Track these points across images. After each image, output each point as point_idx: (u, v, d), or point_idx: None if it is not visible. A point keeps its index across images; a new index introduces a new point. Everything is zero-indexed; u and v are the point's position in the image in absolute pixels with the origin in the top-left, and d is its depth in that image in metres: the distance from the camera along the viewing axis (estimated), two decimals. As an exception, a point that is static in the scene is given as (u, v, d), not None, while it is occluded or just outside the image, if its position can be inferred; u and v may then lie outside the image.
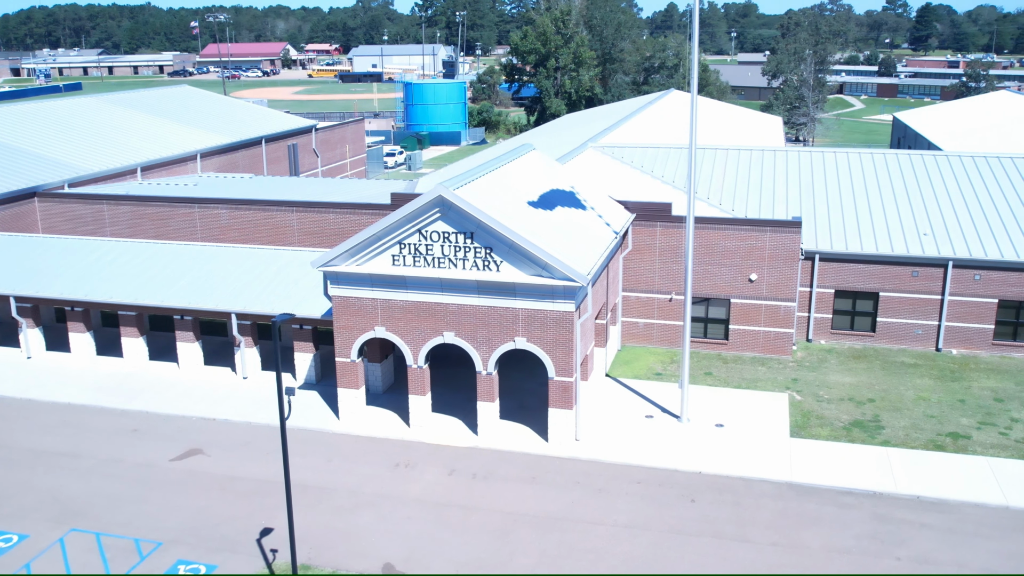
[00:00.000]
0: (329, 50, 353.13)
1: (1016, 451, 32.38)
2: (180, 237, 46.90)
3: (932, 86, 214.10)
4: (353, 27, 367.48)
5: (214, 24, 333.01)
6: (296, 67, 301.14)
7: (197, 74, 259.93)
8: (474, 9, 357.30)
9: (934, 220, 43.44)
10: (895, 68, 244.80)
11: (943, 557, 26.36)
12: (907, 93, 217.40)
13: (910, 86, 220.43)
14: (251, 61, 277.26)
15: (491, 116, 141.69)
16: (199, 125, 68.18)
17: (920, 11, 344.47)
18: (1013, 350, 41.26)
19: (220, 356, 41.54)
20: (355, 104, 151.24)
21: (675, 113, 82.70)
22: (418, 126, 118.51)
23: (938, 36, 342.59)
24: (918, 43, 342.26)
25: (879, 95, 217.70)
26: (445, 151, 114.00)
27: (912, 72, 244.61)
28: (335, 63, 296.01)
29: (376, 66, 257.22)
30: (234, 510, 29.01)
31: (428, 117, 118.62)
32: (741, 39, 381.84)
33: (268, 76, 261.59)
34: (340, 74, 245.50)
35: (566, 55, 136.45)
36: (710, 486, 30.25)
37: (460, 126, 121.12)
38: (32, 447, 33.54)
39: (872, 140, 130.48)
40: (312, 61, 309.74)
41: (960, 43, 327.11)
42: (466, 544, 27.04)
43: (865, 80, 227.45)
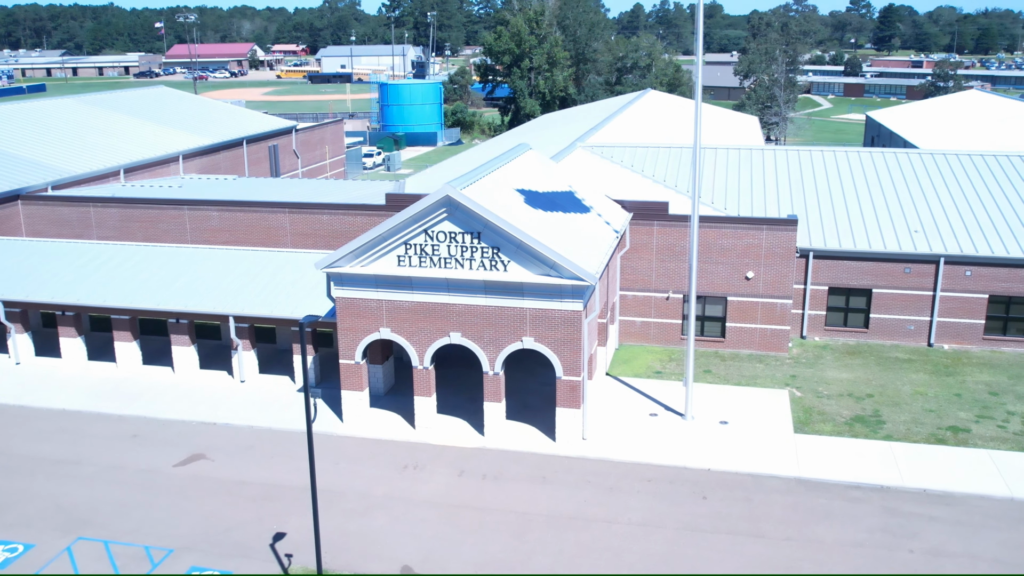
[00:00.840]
0: (296, 51, 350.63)
1: (1015, 443, 32.91)
2: (169, 239, 46.28)
3: (898, 86, 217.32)
4: (320, 28, 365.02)
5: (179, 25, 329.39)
6: (264, 68, 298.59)
7: (164, 75, 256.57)
8: (442, 10, 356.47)
9: (925, 218, 44.05)
10: (861, 68, 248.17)
11: (955, 549, 26.71)
12: (873, 92, 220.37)
13: (876, 86, 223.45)
14: (218, 62, 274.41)
15: (465, 117, 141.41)
16: (179, 126, 67.36)
17: (883, 12, 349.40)
18: (1003, 344, 41.94)
19: (215, 360, 41.04)
20: (330, 105, 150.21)
21: (655, 112, 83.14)
22: (394, 127, 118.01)
23: (901, 36, 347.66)
24: (881, 43, 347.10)
25: (846, 95, 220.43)
26: (422, 152, 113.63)
27: (877, 72, 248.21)
28: (303, 64, 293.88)
29: (345, 67, 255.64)
30: (244, 515, 28.66)
31: (404, 118, 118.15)
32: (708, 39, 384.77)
33: (236, 77, 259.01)
34: (309, 75, 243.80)
35: (540, 55, 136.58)
36: (720, 483, 30.41)
37: (436, 127, 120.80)
38: (30, 454, 32.90)
39: (841, 139, 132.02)
40: (279, 62, 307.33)
41: (922, 43, 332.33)
42: (482, 545, 26.94)
43: (832, 80, 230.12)
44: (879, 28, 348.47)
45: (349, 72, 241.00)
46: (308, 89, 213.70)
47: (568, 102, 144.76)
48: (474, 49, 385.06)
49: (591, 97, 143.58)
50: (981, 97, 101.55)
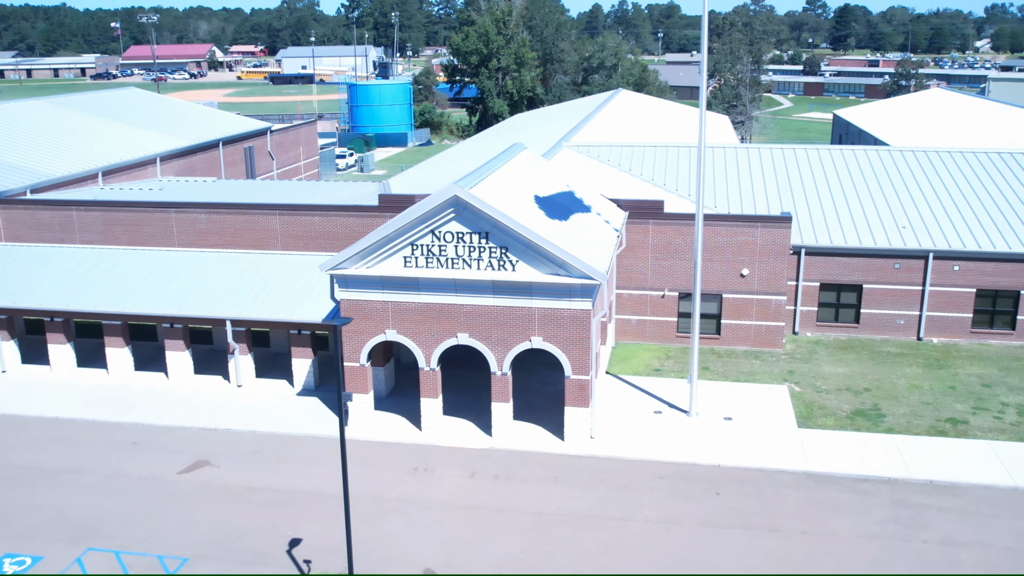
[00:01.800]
0: (254, 51, 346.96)
1: (1013, 434, 33.56)
2: (155, 243, 45.39)
3: (857, 84, 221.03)
4: (279, 28, 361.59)
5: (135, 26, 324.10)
6: (223, 69, 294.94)
7: (121, 76, 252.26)
8: (402, 10, 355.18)
9: (913, 214, 44.78)
10: (819, 68, 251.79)
11: (967, 538, 27.16)
12: (832, 91, 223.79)
13: (835, 84, 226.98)
14: (177, 63, 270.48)
15: (433, 117, 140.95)
16: (154, 128, 66.26)
17: (839, 12, 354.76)
18: (990, 337, 42.77)
19: (208, 364, 40.44)
20: (298, 106, 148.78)
21: (630, 112, 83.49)
22: (364, 128, 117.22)
23: (856, 36, 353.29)
24: (837, 43, 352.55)
25: (806, 93, 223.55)
26: (393, 153, 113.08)
27: (836, 71, 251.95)
28: (262, 65, 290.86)
29: (306, 67, 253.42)
30: (256, 521, 28.25)
31: (374, 118, 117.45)
32: (667, 39, 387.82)
33: (196, 78, 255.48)
34: (270, 76, 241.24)
35: (507, 56, 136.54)
36: (731, 478, 30.62)
37: (406, 127, 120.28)
38: (27, 464, 32.12)
39: (805, 137, 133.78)
40: (238, 63, 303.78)
41: (877, 43, 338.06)
42: (502, 545, 26.83)
43: (792, 79, 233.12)
44: (835, 28, 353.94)
45: (311, 73, 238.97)
46: (270, 90, 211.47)
47: (536, 102, 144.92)
48: (435, 49, 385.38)
49: (558, 97, 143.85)
50: (945, 95, 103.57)
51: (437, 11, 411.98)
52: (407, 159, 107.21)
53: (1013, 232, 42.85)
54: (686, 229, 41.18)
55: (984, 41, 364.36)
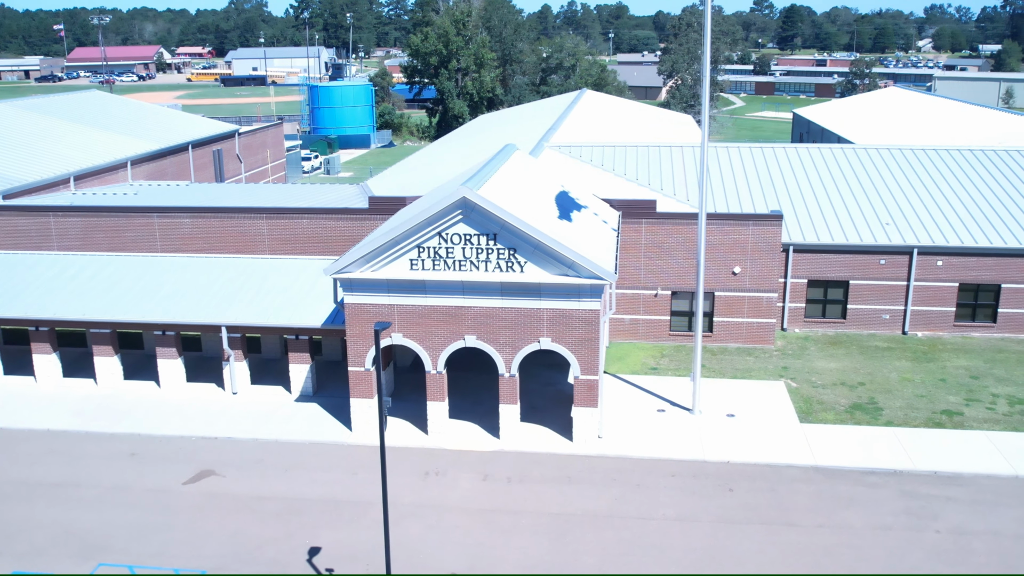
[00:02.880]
0: (202, 53, 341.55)
1: (1007, 424, 34.39)
2: (137, 249, 44.32)
3: (807, 84, 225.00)
4: (226, 30, 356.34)
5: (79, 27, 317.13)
6: (171, 71, 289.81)
7: (67, 79, 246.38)
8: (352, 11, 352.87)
9: (896, 211, 45.63)
10: (769, 67, 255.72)
11: (977, 527, 27.75)
12: (783, 91, 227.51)
13: (785, 84, 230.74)
14: (124, 65, 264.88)
15: (393, 119, 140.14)
16: (121, 131, 64.84)
17: (786, 12, 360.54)
18: (973, 330, 43.77)
19: (199, 372, 39.67)
20: (257, 108, 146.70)
21: (599, 111, 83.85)
22: (325, 129, 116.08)
23: (803, 36, 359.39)
24: (785, 43, 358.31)
25: (757, 93, 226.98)
26: (356, 154, 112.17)
27: (785, 71, 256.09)
28: (211, 66, 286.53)
29: (257, 69, 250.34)
30: (271, 531, 27.77)
31: (335, 120, 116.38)
32: (617, 40, 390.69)
33: (144, 80, 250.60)
34: (222, 78, 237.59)
35: (467, 56, 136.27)
36: (742, 474, 30.90)
37: (368, 129, 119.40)
38: (23, 479, 31.17)
39: (759, 136, 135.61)
40: (187, 65, 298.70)
41: (823, 43, 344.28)
42: (525, 548, 26.73)
43: (743, 79, 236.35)
44: (782, 28, 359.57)
45: (263, 74, 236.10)
46: (222, 92, 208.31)
47: (495, 103, 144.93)
48: (386, 50, 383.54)
49: (518, 98, 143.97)
50: (901, 94, 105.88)
51: (387, 12, 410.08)
52: (372, 161, 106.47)
53: (992, 227, 43.92)
54: (678, 228, 41.48)
55: (926, 41, 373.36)
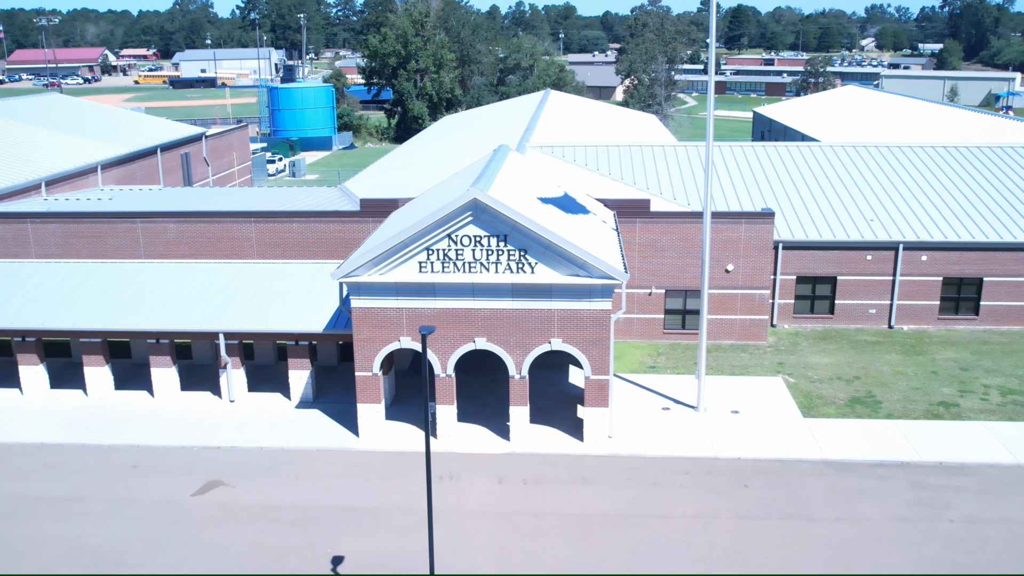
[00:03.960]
0: (147, 55, 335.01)
1: (1002, 414, 35.20)
2: (119, 256, 43.26)
3: (757, 83, 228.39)
4: (172, 31, 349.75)
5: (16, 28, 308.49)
6: (117, 73, 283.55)
7: (9, 82, 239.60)
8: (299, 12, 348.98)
9: (879, 207, 46.47)
10: (719, 66, 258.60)
11: (988, 515, 28.33)
12: (734, 90, 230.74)
13: (736, 83, 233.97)
14: (68, 67, 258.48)
15: (352, 120, 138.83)
16: (90, 135, 63.26)
17: (733, 12, 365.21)
18: (956, 323, 44.74)
19: (192, 380, 38.82)
20: (216, 111, 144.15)
21: (569, 111, 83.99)
22: (286, 132, 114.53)
23: (749, 36, 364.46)
24: (732, 43, 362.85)
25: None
26: (319, 156, 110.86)
27: (735, 70, 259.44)
28: (158, 68, 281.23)
29: (205, 71, 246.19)
30: (290, 541, 27.25)
31: (296, 122, 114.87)
32: (567, 40, 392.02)
33: (90, 83, 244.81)
34: (170, 80, 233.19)
35: (426, 57, 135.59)
36: (754, 470, 31.16)
37: (330, 131, 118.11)
38: (21, 495, 30.16)
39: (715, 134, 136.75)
40: (132, 67, 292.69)
41: (770, 42, 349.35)
42: (551, 550, 26.61)
43: (695, 78, 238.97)
44: (729, 28, 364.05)
45: (212, 76, 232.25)
46: (172, 95, 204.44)
47: (454, 104, 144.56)
48: (335, 52, 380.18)
49: (477, 99, 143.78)
50: (858, 92, 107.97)
51: (335, 13, 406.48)
52: (336, 163, 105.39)
53: (973, 223, 44.96)
54: (672, 227, 41.71)
55: (869, 40, 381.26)
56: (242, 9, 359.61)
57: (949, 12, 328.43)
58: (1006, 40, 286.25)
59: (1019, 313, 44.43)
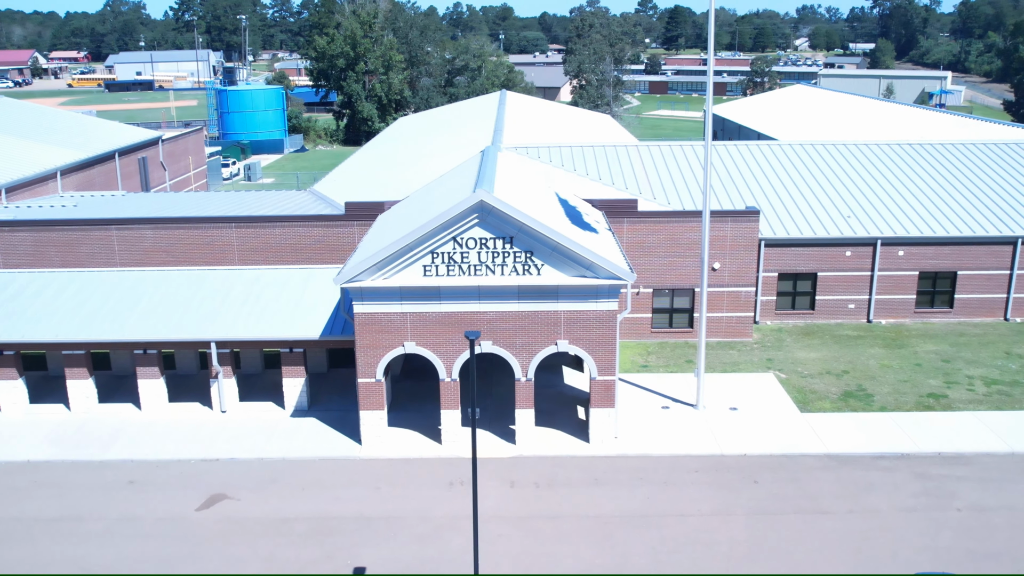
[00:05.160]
0: (78, 57, 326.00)
1: (990, 404, 36.14)
2: (93, 264, 41.89)
3: (699, 82, 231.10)
4: (103, 33, 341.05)
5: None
6: (48, 76, 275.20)
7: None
8: (235, 14, 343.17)
9: (854, 204, 47.33)
10: (660, 67, 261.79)
11: (993, 503, 29.03)
12: (676, 89, 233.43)
13: (678, 83, 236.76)
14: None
15: (301, 123, 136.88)
16: (45, 140, 61.20)
17: (671, 13, 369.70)
18: (932, 316, 45.83)
19: (177, 391, 37.72)
20: (163, 114, 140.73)
21: (530, 113, 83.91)
22: (236, 135, 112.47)
23: (686, 36, 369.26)
24: (670, 43, 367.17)
25: (651, 92, 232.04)
26: (272, 159, 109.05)
27: (675, 70, 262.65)
28: (90, 71, 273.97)
29: (141, 73, 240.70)
30: (308, 553, 26.64)
31: (247, 125, 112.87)
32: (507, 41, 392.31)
33: (21, 87, 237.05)
34: (106, 83, 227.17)
35: (375, 58, 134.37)
36: (761, 466, 31.45)
37: (281, 133, 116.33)
38: (16, 516, 28.94)
39: (659, 134, 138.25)
40: (64, 70, 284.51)
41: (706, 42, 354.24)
42: (575, 553, 26.47)
43: (637, 78, 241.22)
44: (667, 28, 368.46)
45: (149, 79, 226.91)
46: (108, 98, 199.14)
47: (404, 105, 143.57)
48: (273, 53, 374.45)
49: (426, 100, 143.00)
50: (807, 91, 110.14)
51: (272, 15, 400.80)
52: (290, 166, 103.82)
53: (947, 218, 46.09)
54: (659, 227, 41.92)
55: (802, 40, 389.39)
56: (176, 11, 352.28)
57: (879, 13, 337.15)
58: (934, 40, 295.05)
59: (991, 305, 45.70)
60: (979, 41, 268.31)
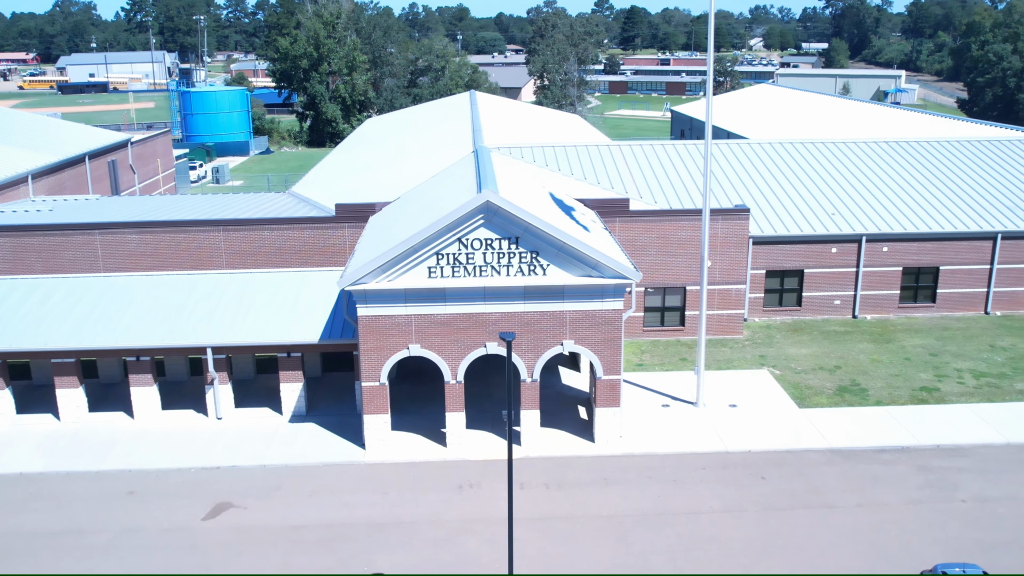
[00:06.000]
0: (27, 59, 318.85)
1: (981, 396, 36.79)
2: (76, 270, 40.95)
3: (658, 82, 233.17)
4: (52, 34, 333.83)
5: None
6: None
7: None
8: (188, 14, 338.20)
9: (838, 202, 47.91)
10: (619, 67, 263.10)
11: (995, 494, 29.54)
12: (636, 89, 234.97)
13: (638, 83, 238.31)
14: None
15: (264, 124, 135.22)
16: (12, 143, 59.62)
17: (627, 13, 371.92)
18: (915, 311, 46.56)
19: (167, 398, 36.94)
20: (124, 116, 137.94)
21: (502, 113, 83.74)
22: (200, 137, 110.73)
23: (642, 36, 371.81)
24: (626, 43, 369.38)
25: (611, 92, 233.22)
26: (238, 162, 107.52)
27: (634, 70, 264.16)
28: (40, 73, 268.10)
29: (94, 75, 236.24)
30: (322, 561, 26.22)
31: (211, 127, 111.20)
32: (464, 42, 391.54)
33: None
34: (59, 85, 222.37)
35: (338, 59, 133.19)
36: (767, 462, 31.67)
37: (246, 135, 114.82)
38: (13, 530, 28.11)
39: (621, 134, 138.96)
40: (13, 72, 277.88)
41: (663, 42, 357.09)
42: (592, 553, 26.40)
43: (597, 78, 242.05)
44: (624, 29, 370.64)
45: (103, 81, 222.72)
46: (62, 100, 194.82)
47: (368, 106, 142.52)
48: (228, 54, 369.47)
49: (390, 101, 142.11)
50: (772, 90, 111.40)
51: (226, 15, 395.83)
52: (256, 168, 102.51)
53: (928, 215, 46.86)
54: (651, 226, 42.05)
55: (757, 40, 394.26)
56: (127, 11, 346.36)
57: (832, 13, 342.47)
58: (886, 40, 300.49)
59: (972, 299, 46.57)
60: (930, 41, 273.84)
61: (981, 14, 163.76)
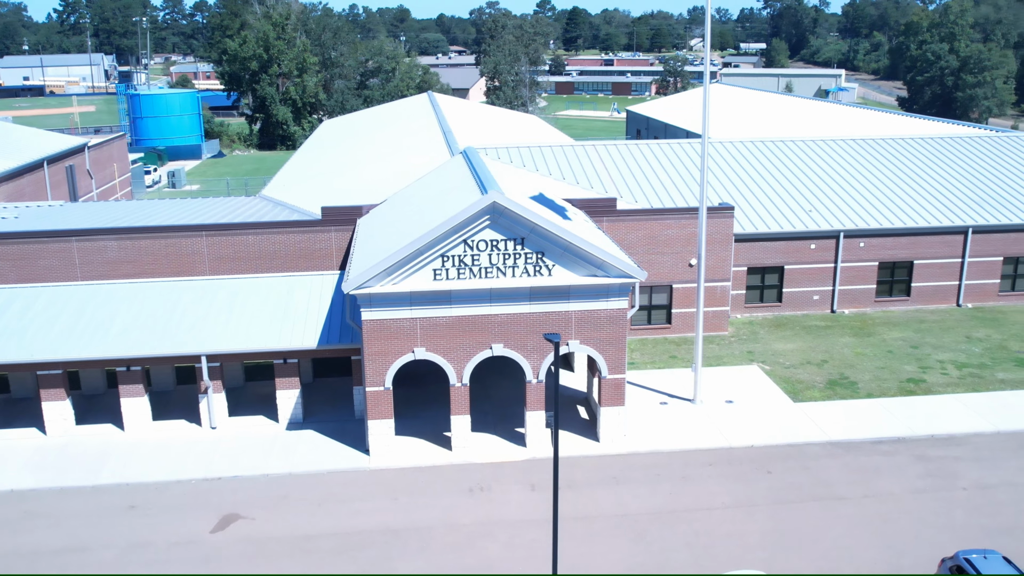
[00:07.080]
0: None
1: (967, 386, 37.76)
2: (53, 279, 39.51)
3: (604, 83, 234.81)
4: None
5: None
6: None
7: None
8: (125, 16, 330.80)
9: (815, 199, 48.75)
10: (564, 67, 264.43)
11: (993, 481, 30.33)
12: (582, 90, 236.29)
13: (584, 83, 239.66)
14: None
15: (214, 127, 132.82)
16: (-33, 149, 57.66)
17: (570, 14, 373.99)
18: (890, 304, 47.62)
19: (155, 409, 36.01)
20: (71, 119, 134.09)
21: (464, 114, 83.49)
22: (151, 141, 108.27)
23: (584, 37, 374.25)
24: (569, 44, 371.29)
25: (558, 92, 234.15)
26: (191, 165, 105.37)
27: (579, 70, 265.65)
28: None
29: (29, 78, 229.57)
30: (341, 570, 25.77)
31: (162, 130, 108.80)
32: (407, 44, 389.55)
33: None
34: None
35: (289, 61, 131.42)
36: (771, 456, 32.07)
37: (198, 139, 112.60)
38: (12, 549, 27.11)
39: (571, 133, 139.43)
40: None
41: (604, 43, 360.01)
42: (613, 552, 26.43)
43: (545, 79, 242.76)
44: (566, 29, 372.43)
45: (39, 84, 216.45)
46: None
47: (318, 108, 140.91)
48: (166, 57, 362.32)
49: (340, 103, 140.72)
50: (727, 90, 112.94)
51: (163, 17, 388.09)
52: (211, 172, 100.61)
53: (901, 210, 47.95)
54: (638, 225, 42.26)
55: (697, 40, 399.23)
56: (60, 13, 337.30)
57: (770, 13, 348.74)
58: (824, 40, 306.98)
59: (945, 292, 47.78)
60: (866, 40, 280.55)
61: (919, 14, 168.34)
